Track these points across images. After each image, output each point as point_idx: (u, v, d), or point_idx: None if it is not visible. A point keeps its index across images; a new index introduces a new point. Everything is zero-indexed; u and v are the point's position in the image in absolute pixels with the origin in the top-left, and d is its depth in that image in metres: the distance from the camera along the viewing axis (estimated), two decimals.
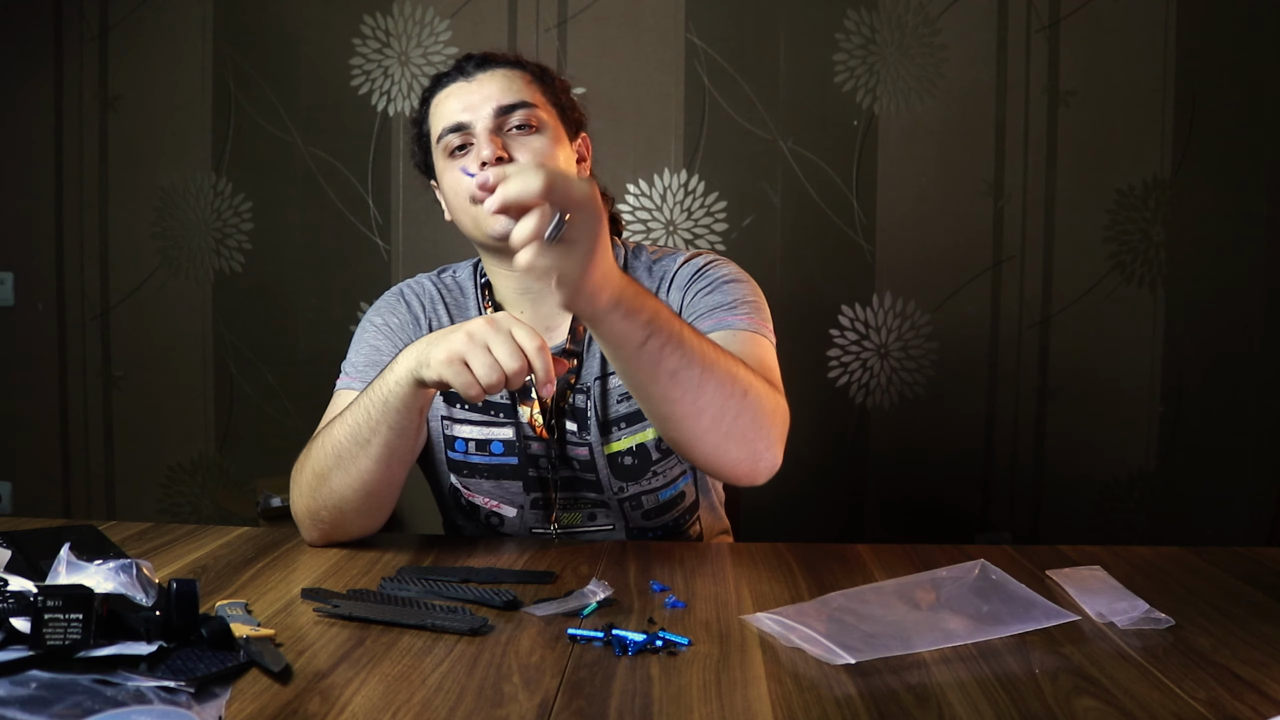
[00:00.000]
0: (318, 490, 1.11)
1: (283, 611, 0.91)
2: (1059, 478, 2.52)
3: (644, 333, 0.95)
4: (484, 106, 1.20)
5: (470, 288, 1.33)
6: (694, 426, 1.02)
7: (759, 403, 1.03)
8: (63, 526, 1.10)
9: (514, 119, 1.20)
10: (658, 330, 0.96)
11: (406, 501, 2.62)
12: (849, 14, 2.46)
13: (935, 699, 0.73)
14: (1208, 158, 2.45)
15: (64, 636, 0.71)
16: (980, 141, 2.47)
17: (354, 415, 1.08)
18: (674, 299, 1.25)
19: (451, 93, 1.23)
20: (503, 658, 0.81)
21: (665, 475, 1.25)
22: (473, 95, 1.21)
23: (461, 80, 1.23)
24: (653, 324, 0.95)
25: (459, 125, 1.20)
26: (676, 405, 1.00)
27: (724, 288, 1.23)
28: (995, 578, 0.94)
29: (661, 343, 0.96)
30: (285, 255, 2.60)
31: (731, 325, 1.18)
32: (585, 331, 1.25)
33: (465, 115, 1.20)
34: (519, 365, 0.95)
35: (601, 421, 1.23)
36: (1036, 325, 2.50)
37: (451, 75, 1.25)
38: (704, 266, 1.27)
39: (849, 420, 2.52)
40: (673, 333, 0.97)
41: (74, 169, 2.64)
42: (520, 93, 1.21)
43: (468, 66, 1.24)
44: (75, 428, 2.70)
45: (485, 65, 1.23)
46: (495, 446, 1.25)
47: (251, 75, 2.58)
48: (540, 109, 1.22)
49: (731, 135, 2.49)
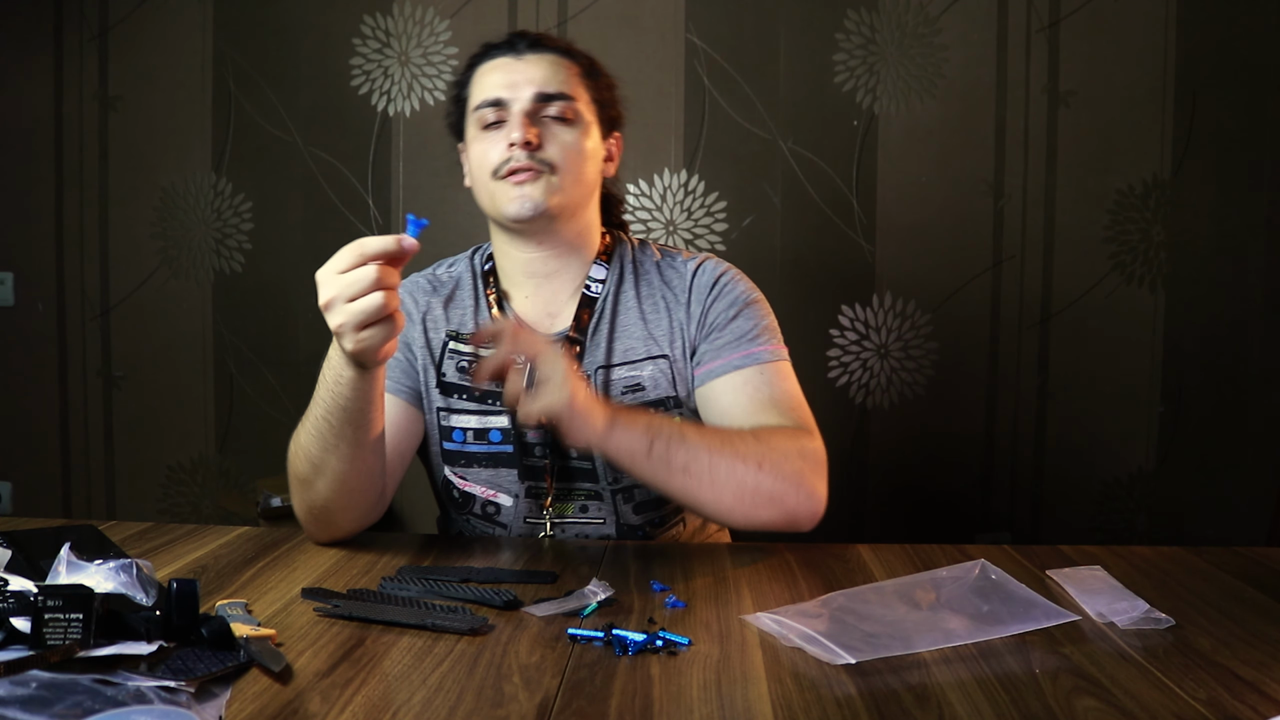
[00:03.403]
0: (304, 494, 1.12)
1: (283, 611, 0.91)
2: (1059, 478, 2.52)
3: (647, 438, 1.03)
4: (526, 89, 1.21)
5: (468, 278, 1.33)
6: (718, 506, 1.08)
7: (778, 468, 1.08)
8: (63, 526, 1.10)
9: (552, 108, 1.21)
10: (659, 434, 1.04)
11: (407, 501, 2.63)
12: (849, 14, 2.46)
13: (935, 699, 0.73)
14: (1208, 158, 2.45)
15: (64, 636, 0.71)
16: (980, 141, 2.47)
17: (314, 420, 1.07)
18: (694, 310, 1.26)
19: (498, 66, 1.24)
20: (503, 658, 0.81)
21: None
22: (517, 74, 1.22)
23: (511, 56, 1.24)
24: (651, 429, 1.04)
25: (497, 101, 1.22)
26: (697, 494, 1.07)
27: (745, 312, 1.25)
28: (995, 578, 0.94)
29: (665, 443, 1.04)
30: (285, 255, 2.60)
31: (759, 359, 1.21)
32: (589, 318, 1.26)
33: (506, 92, 1.21)
34: (373, 275, 0.93)
35: None
36: (1036, 325, 2.50)
37: (502, 48, 1.26)
38: (720, 280, 1.28)
39: (849, 420, 2.51)
40: (673, 432, 1.05)
41: (74, 169, 2.64)
42: (564, 84, 1.23)
43: (520, 44, 1.25)
44: (75, 428, 2.70)
45: (537, 46, 1.25)
46: (493, 435, 1.25)
47: (251, 75, 2.58)
48: (579, 103, 1.24)
49: (731, 135, 2.49)
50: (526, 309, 1.29)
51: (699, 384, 1.24)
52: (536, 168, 1.19)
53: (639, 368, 1.25)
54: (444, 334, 1.29)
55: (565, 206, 1.22)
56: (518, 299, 1.29)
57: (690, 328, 1.26)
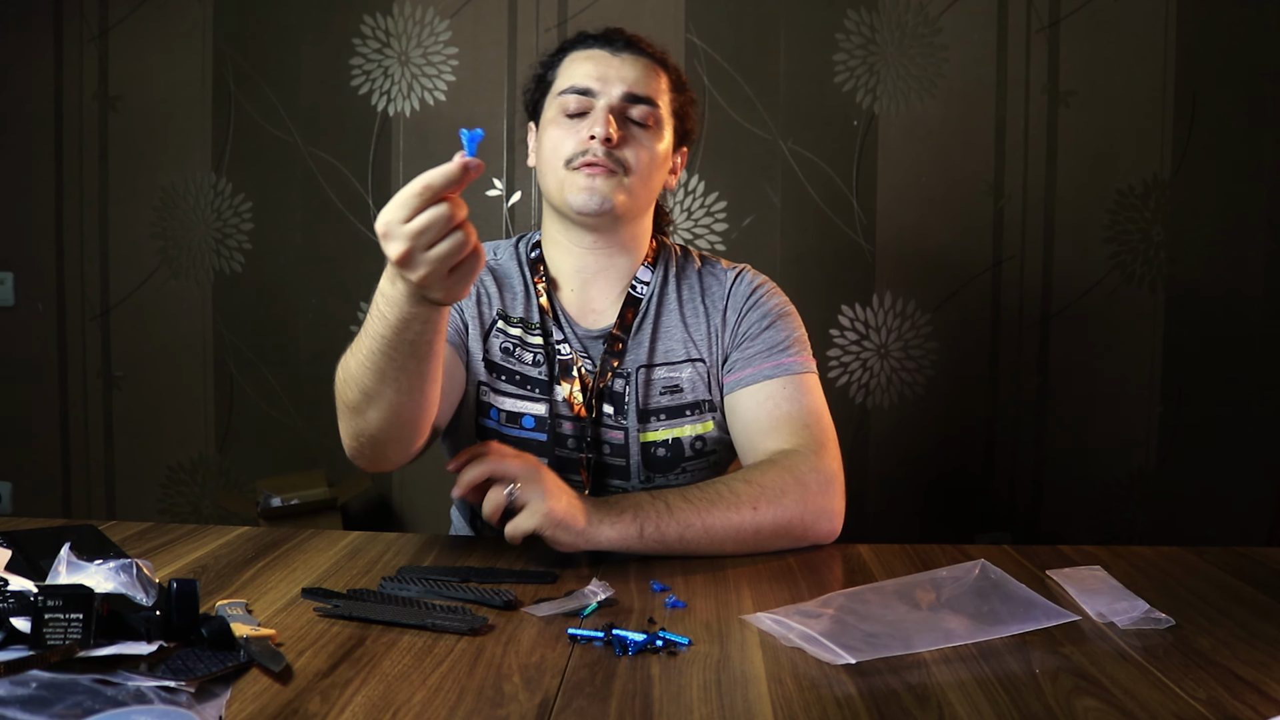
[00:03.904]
0: (353, 422, 1.06)
1: (283, 611, 0.91)
2: (1059, 478, 2.52)
3: (635, 527, 1.05)
4: (617, 85, 1.22)
5: (514, 268, 1.31)
6: (731, 553, 1.10)
7: (775, 503, 1.10)
8: (63, 526, 1.10)
9: (636, 111, 1.22)
10: (646, 518, 1.05)
11: (407, 501, 2.62)
12: (849, 14, 2.46)
13: (935, 699, 0.73)
14: (1208, 158, 2.45)
15: (64, 636, 0.71)
16: (980, 141, 2.47)
17: (369, 352, 0.99)
18: (729, 319, 1.28)
19: (591, 56, 1.25)
20: (503, 658, 0.81)
21: (694, 476, 1.26)
22: (610, 69, 1.23)
23: (607, 49, 1.25)
24: (639, 516, 1.05)
25: (586, 90, 1.22)
26: (702, 553, 1.08)
27: (778, 323, 1.27)
28: (995, 578, 0.94)
29: (655, 524, 1.05)
30: (285, 255, 2.60)
31: (789, 369, 1.24)
32: (633, 318, 1.27)
33: (596, 84, 1.22)
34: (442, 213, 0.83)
35: (640, 409, 1.25)
36: (1036, 325, 2.50)
37: (599, 41, 1.26)
38: (756, 292, 1.30)
39: (849, 420, 2.51)
40: (660, 509, 1.06)
41: (74, 169, 2.64)
42: (652, 89, 1.24)
43: (617, 40, 1.26)
44: (75, 428, 2.70)
45: (633, 47, 1.26)
46: (526, 420, 1.25)
47: (251, 75, 2.58)
48: (662, 111, 1.25)
49: (731, 135, 2.49)
50: (571, 301, 1.29)
51: (728, 391, 1.25)
52: (611, 166, 1.19)
53: (678, 369, 1.27)
54: (495, 311, 1.28)
55: (630, 209, 1.23)
56: (564, 291, 1.30)
57: (725, 335, 1.28)
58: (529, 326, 1.27)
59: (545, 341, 1.26)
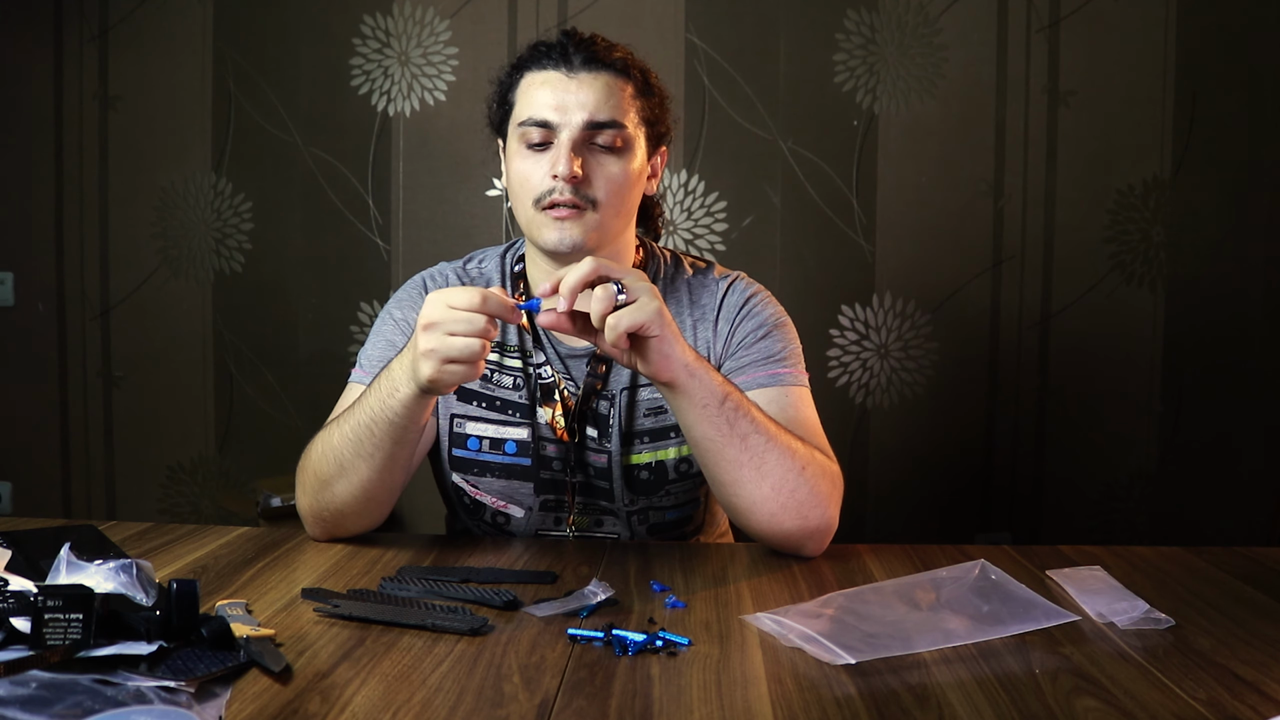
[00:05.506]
0: (320, 494, 1.12)
1: (283, 611, 0.91)
2: (1059, 478, 2.52)
3: (723, 390, 1.03)
4: (576, 113, 1.15)
5: (497, 279, 1.30)
6: (755, 492, 1.06)
7: (816, 480, 1.08)
8: (63, 526, 1.10)
9: (602, 138, 1.16)
10: (732, 392, 1.04)
11: (407, 501, 2.62)
12: (849, 14, 2.46)
13: (935, 699, 0.73)
14: (1208, 158, 2.45)
15: (64, 636, 0.71)
16: (980, 141, 2.47)
17: (355, 424, 1.07)
18: (721, 329, 1.25)
19: (548, 81, 1.17)
20: (503, 658, 0.81)
21: (677, 497, 1.25)
22: (569, 96, 1.15)
23: (563, 71, 1.17)
24: (726, 384, 1.04)
25: (545, 123, 1.15)
26: (744, 469, 1.05)
27: (773, 333, 1.24)
28: (995, 578, 0.94)
29: (736, 403, 1.03)
30: (285, 255, 2.60)
31: (783, 380, 1.21)
32: None
33: (555, 116, 1.15)
34: (482, 324, 0.97)
35: (624, 432, 1.22)
36: (1036, 325, 2.50)
37: (554, 59, 1.18)
38: (750, 300, 1.26)
39: (849, 420, 2.52)
40: (744, 399, 1.05)
41: (74, 169, 2.64)
42: (615, 110, 1.16)
43: (574, 57, 1.17)
44: (75, 428, 2.70)
45: (591, 64, 1.17)
46: (509, 446, 1.23)
47: (251, 75, 2.58)
48: (630, 128, 1.18)
49: (731, 135, 2.49)
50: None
51: None
52: (579, 204, 1.15)
53: None
54: None
55: (602, 240, 1.19)
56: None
57: (717, 346, 1.25)
58: (506, 349, 1.24)
59: (524, 364, 1.24)
